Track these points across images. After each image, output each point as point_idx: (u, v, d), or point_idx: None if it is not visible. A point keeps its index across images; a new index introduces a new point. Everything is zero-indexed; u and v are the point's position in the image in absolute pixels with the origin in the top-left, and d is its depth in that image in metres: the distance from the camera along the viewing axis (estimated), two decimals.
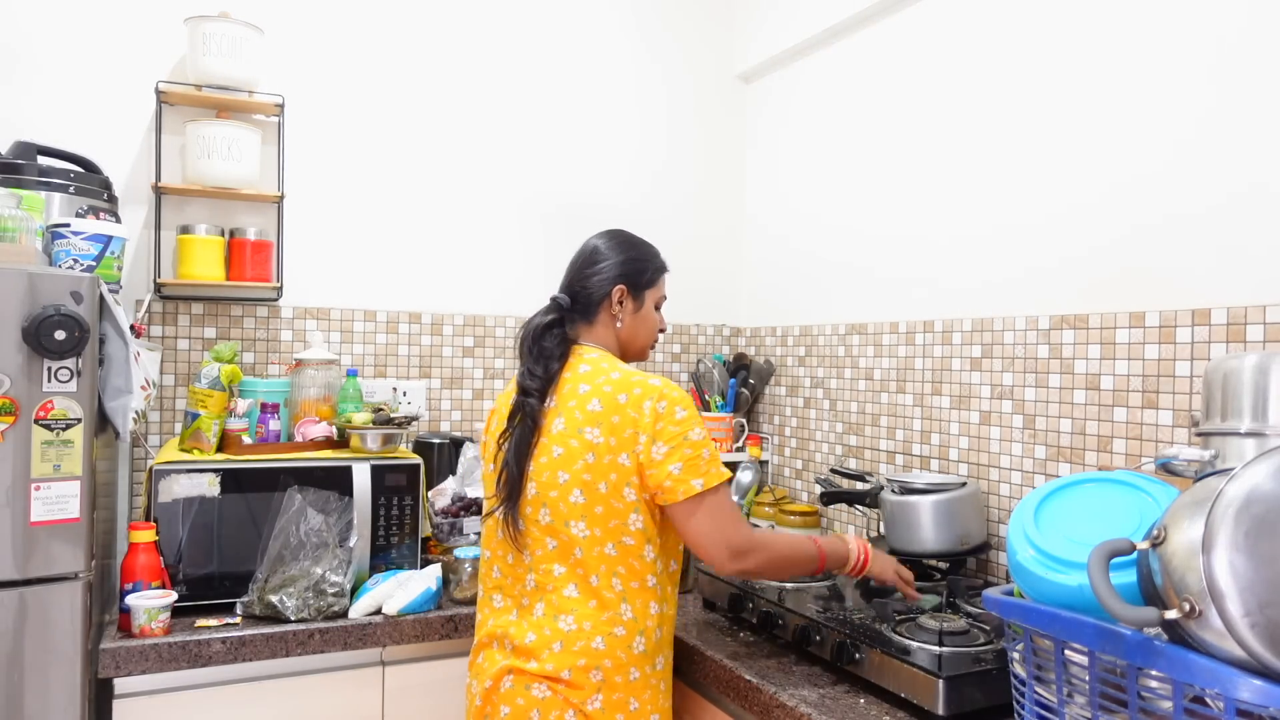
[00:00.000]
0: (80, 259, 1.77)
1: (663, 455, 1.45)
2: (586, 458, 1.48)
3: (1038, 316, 1.90)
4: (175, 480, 1.82)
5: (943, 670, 1.33)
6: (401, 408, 2.42)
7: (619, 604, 1.47)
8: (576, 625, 1.46)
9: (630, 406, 1.47)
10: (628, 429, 1.46)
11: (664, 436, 1.45)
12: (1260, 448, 1.18)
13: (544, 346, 1.59)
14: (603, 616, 1.47)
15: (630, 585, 1.48)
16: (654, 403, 1.47)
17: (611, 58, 2.79)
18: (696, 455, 1.45)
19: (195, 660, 1.68)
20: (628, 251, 1.65)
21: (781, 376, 2.75)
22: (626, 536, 1.48)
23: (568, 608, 1.48)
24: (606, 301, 1.62)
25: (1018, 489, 1.94)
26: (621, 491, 1.47)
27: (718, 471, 1.47)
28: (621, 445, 1.46)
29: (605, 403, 1.49)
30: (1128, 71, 1.72)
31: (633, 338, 1.66)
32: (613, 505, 1.47)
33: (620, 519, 1.47)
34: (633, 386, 1.49)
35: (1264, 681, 0.84)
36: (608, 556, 1.47)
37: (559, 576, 1.49)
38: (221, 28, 2.16)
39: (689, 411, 1.48)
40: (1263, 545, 0.87)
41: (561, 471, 1.49)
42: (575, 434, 1.49)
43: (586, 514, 1.47)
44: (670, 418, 1.46)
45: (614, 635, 1.46)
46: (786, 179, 2.76)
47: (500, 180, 2.64)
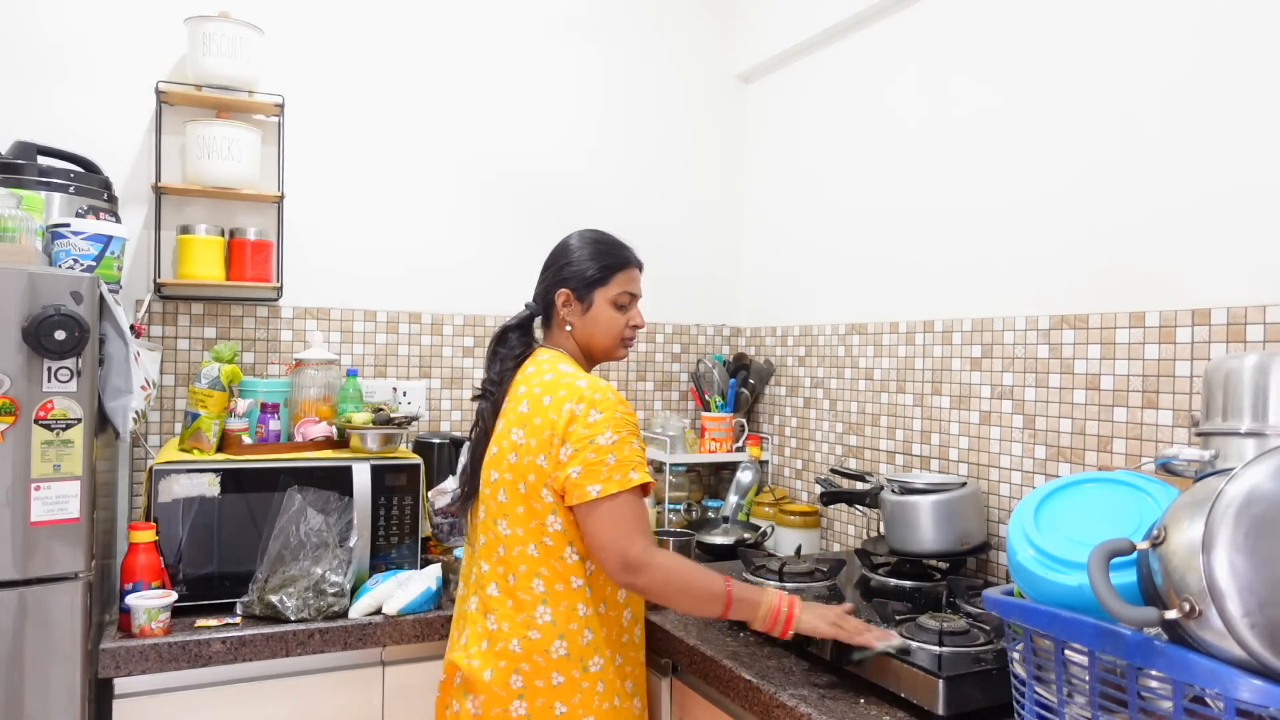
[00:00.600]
0: (80, 259, 1.77)
1: (567, 457, 1.46)
2: (509, 458, 1.53)
3: (1038, 316, 1.90)
4: (175, 480, 1.82)
5: (943, 670, 1.33)
6: (401, 408, 2.42)
7: (535, 606, 1.48)
8: (497, 625, 1.50)
9: (551, 409, 1.50)
10: (545, 430, 1.49)
11: (572, 439, 1.46)
12: (1260, 448, 1.18)
13: (498, 350, 1.65)
14: (518, 618, 1.49)
15: (554, 588, 1.49)
16: (573, 405, 1.48)
17: (612, 58, 2.79)
18: (599, 460, 1.44)
19: (195, 660, 1.68)
20: (577, 253, 1.65)
21: (781, 376, 2.75)
22: (546, 537, 1.49)
23: (491, 606, 1.52)
24: (554, 305, 1.65)
25: (1018, 489, 1.94)
26: (539, 492, 1.49)
27: (623, 479, 1.44)
28: (540, 446, 1.49)
29: (531, 404, 1.53)
30: (1128, 72, 1.72)
31: (588, 339, 1.65)
32: (532, 506, 1.50)
33: (539, 519, 1.49)
34: (559, 389, 1.51)
35: (1264, 681, 0.84)
36: (529, 557, 1.50)
37: (485, 573, 1.55)
38: (221, 28, 2.16)
39: (605, 414, 1.47)
40: (1263, 545, 0.87)
41: (493, 470, 1.56)
42: (506, 435, 1.55)
43: (509, 513, 1.52)
44: (583, 420, 1.46)
45: (528, 639, 1.48)
46: (786, 179, 2.76)
47: (500, 180, 2.64)
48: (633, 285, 1.68)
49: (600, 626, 1.51)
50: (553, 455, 1.48)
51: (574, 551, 1.50)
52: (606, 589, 1.54)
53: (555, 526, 1.49)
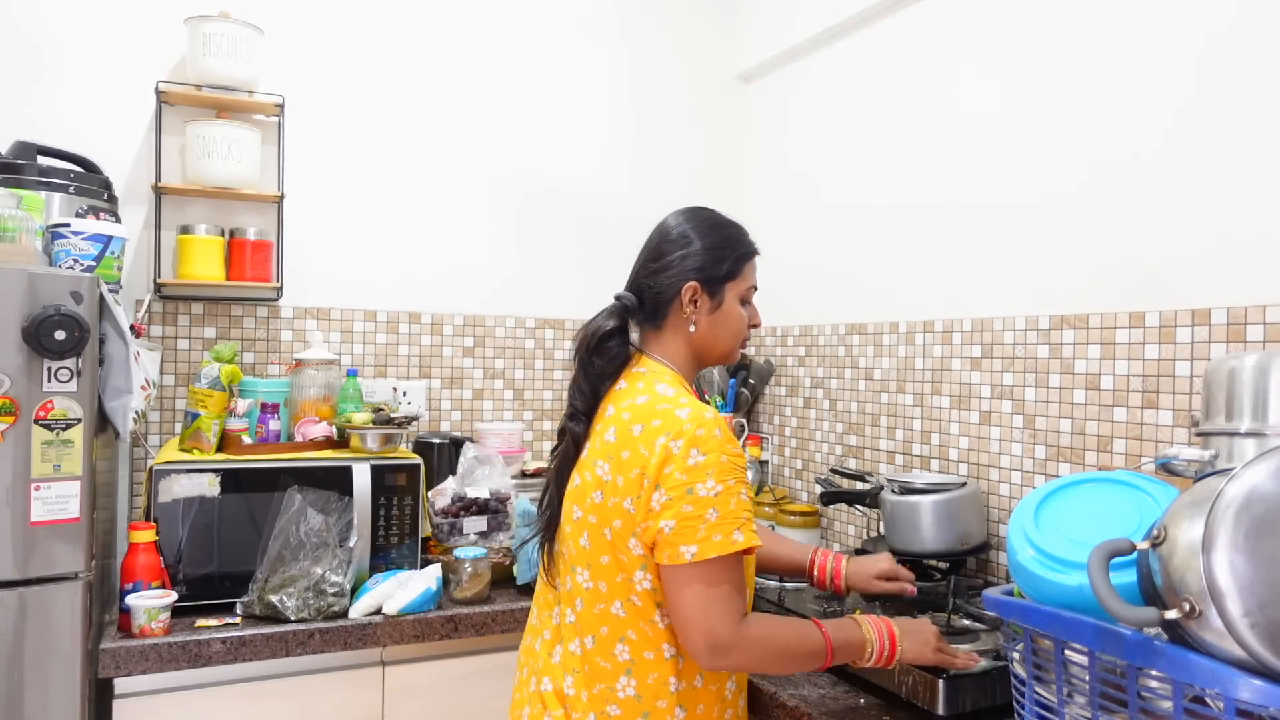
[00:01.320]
0: (80, 259, 1.77)
1: (660, 506, 1.19)
2: (594, 496, 1.26)
3: (1038, 316, 1.90)
4: (175, 480, 1.82)
5: (943, 670, 1.33)
6: (401, 408, 2.42)
7: (617, 677, 1.24)
8: (575, 691, 1.26)
9: (643, 441, 1.22)
10: (634, 468, 1.22)
11: (667, 484, 1.18)
12: (1260, 448, 1.18)
13: (594, 362, 1.33)
14: (595, 689, 1.24)
15: (641, 655, 1.23)
16: (669, 440, 1.20)
17: (612, 57, 2.79)
18: (698, 515, 1.17)
19: (195, 660, 1.68)
20: (704, 238, 1.36)
21: (781, 376, 2.75)
22: (634, 596, 1.23)
23: (570, 666, 1.28)
24: (676, 302, 1.34)
25: (1018, 489, 1.94)
26: (626, 543, 1.23)
27: (724, 540, 1.17)
28: (628, 487, 1.22)
29: (620, 433, 1.26)
30: (1129, 70, 1.72)
31: (712, 342, 1.38)
32: (618, 558, 1.24)
33: (626, 574, 1.23)
34: (652, 417, 1.23)
35: (1264, 681, 0.84)
36: (613, 617, 1.24)
37: (569, 625, 1.30)
38: (221, 28, 2.16)
39: (709, 457, 1.19)
40: (1263, 545, 0.87)
41: (576, 507, 1.30)
42: (590, 466, 1.28)
43: (591, 563, 1.26)
44: (681, 462, 1.18)
45: (606, 715, 1.23)
46: (786, 179, 2.76)
47: (499, 179, 2.64)
48: (755, 277, 1.43)
49: (695, 704, 1.25)
50: (642, 500, 1.20)
51: (666, 616, 1.23)
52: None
53: (645, 584, 1.23)
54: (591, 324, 1.36)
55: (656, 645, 1.24)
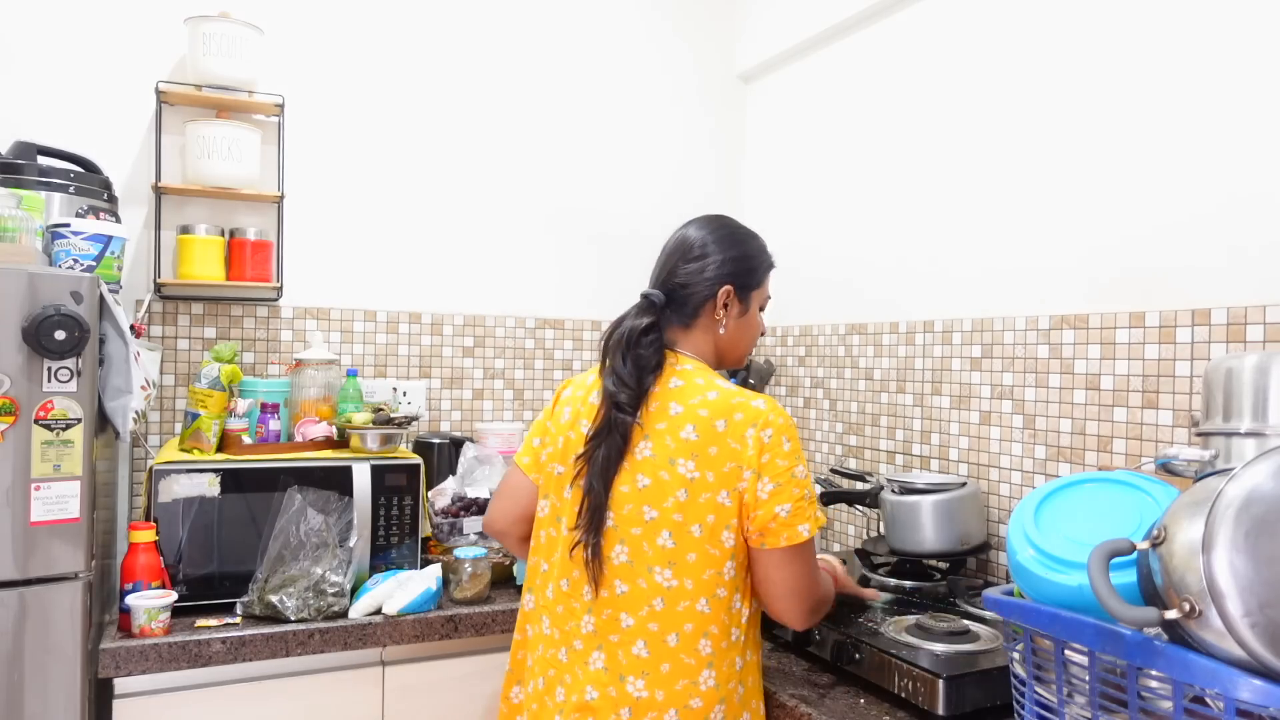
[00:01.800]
0: (80, 259, 1.77)
1: (768, 494, 1.27)
2: (678, 494, 1.28)
3: (1038, 316, 1.90)
4: (175, 480, 1.82)
5: (943, 670, 1.33)
6: (401, 408, 2.42)
7: (699, 671, 1.28)
8: (648, 693, 1.27)
9: (731, 435, 1.28)
10: (728, 462, 1.28)
11: (770, 472, 1.27)
12: (1260, 448, 1.18)
13: (640, 354, 1.35)
14: (677, 685, 1.27)
15: (720, 646, 1.29)
16: (758, 430, 1.28)
17: (610, 57, 2.79)
18: (802, 496, 1.28)
19: (195, 660, 1.68)
20: (736, 247, 1.43)
21: (781, 376, 2.75)
22: (720, 588, 1.29)
23: (636, 669, 1.28)
24: (710, 304, 1.41)
25: (1018, 489, 1.94)
26: (719, 536, 1.28)
27: (821, 515, 1.32)
28: (721, 481, 1.28)
29: (701, 430, 1.29)
30: (1129, 71, 1.72)
31: (734, 344, 1.46)
32: (708, 552, 1.28)
33: (716, 568, 1.28)
34: (733, 410, 1.30)
35: (1264, 681, 0.84)
36: (698, 614, 1.28)
37: (627, 629, 1.29)
38: (221, 28, 2.16)
39: (794, 442, 1.30)
40: (1263, 545, 0.87)
41: (648, 507, 1.29)
42: (666, 464, 1.29)
43: (676, 560, 1.28)
44: (778, 449, 1.28)
45: (689, 709, 1.27)
46: (786, 179, 2.76)
47: (499, 179, 2.64)
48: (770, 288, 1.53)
49: (749, 676, 1.35)
50: (743, 492, 1.27)
51: (740, 600, 1.32)
52: (754, 634, 1.38)
53: (730, 574, 1.29)
54: (624, 322, 1.39)
55: (729, 633, 1.31)
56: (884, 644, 1.45)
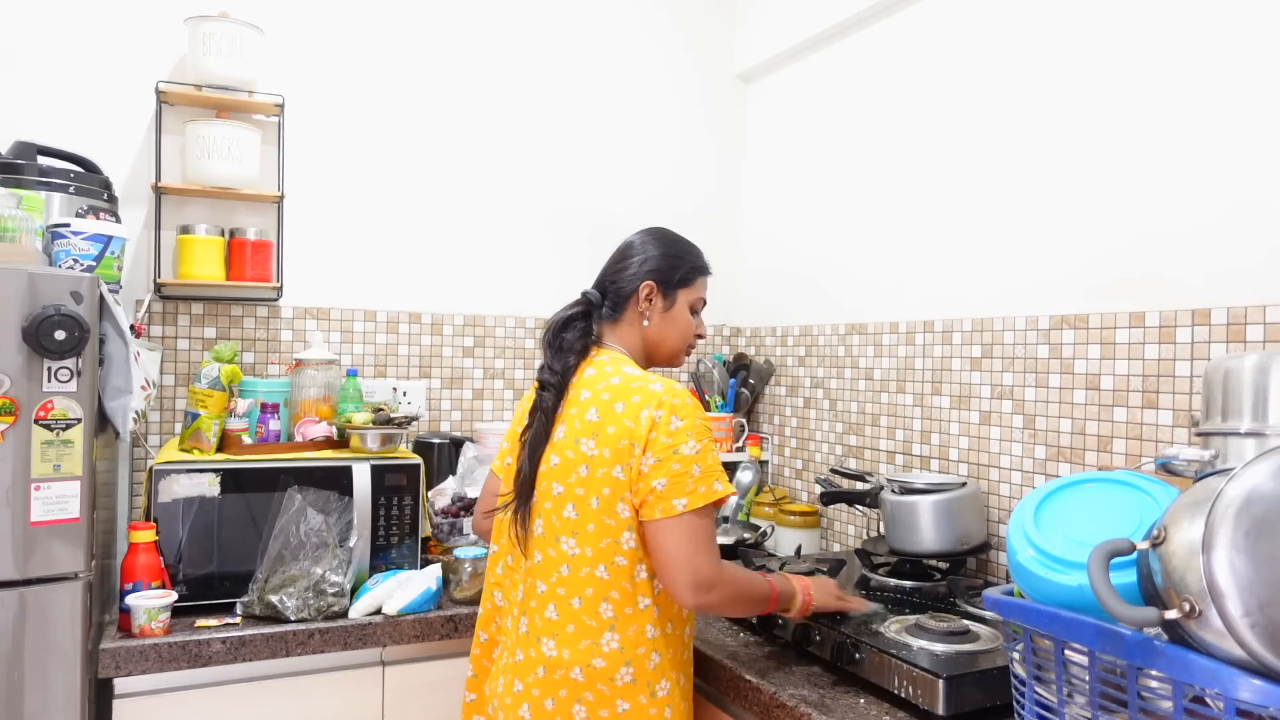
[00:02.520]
0: (80, 259, 1.77)
1: (649, 468, 1.36)
2: (580, 470, 1.40)
3: (1038, 316, 1.90)
4: (175, 480, 1.82)
5: (943, 670, 1.33)
6: (401, 408, 2.42)
7: (602, 632, 1.38)
8: (556, 651, 1.39)
9: (626, 415, 1.39)
10: (622, 439, 1.38)
11: (654, 448, 1.36)
12: (1260, 448, 1.18)
13: (565, 339, 1.50)
14: (580, 645, 1.38)
15: (623, 611, 1.38)
16: (651, 411, 1.38)
17: (610, 57, 2.79)
18: (685, 472, 1.35)
19: (195, 660, 1.68)
20: (663, 248, 1.57)
21: (781, 376, 2.75)
22: (619, 556, 1.38)
23: (548, 630, 1.40)
24: (634, 298, 1.54)
25: (1018, 489, 1.94)
26: (615, 508, 1.38)
27: (707, 490, 1.36)
28: (615, 457, 1.38)
29: (602, 411, 1.41)
30: (1129, 71, 1.72)
31: (661, 339, 1.56)
32: (605, 522, 1.38)
33: (613, 537, 1.38)
34: (631, 394, 1.41)
35: (1264, 681, 0.84)
36: (597, 579, 1.38)
37: (541, 594, 1.42)
38: (221, 28, 2.16)
39: (687, 421, 1.38)
40: (1263, 545, 0.87)
41: (556, 483, 1.42)
42: (572, 444, 1.43)
43: (579, 530, 1.39)
44: (664, 427, 1.37)
45: (592, 667, 1.37)
46: (786, 179, 2.76)
47: (500, 179, 2.64)
48: (705, 292, 1.63)
49: (667, 648, 1.42)
50: (632, 467, 1.37)
51: (644, 569, 1.40)
52: (673, 608, 1.44)
53: (630, 544, 1.38)
54: (558, 313, 1.55)
55: (634, 600, 1.39)
56: (884, 644, 1.45)
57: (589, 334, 1.53)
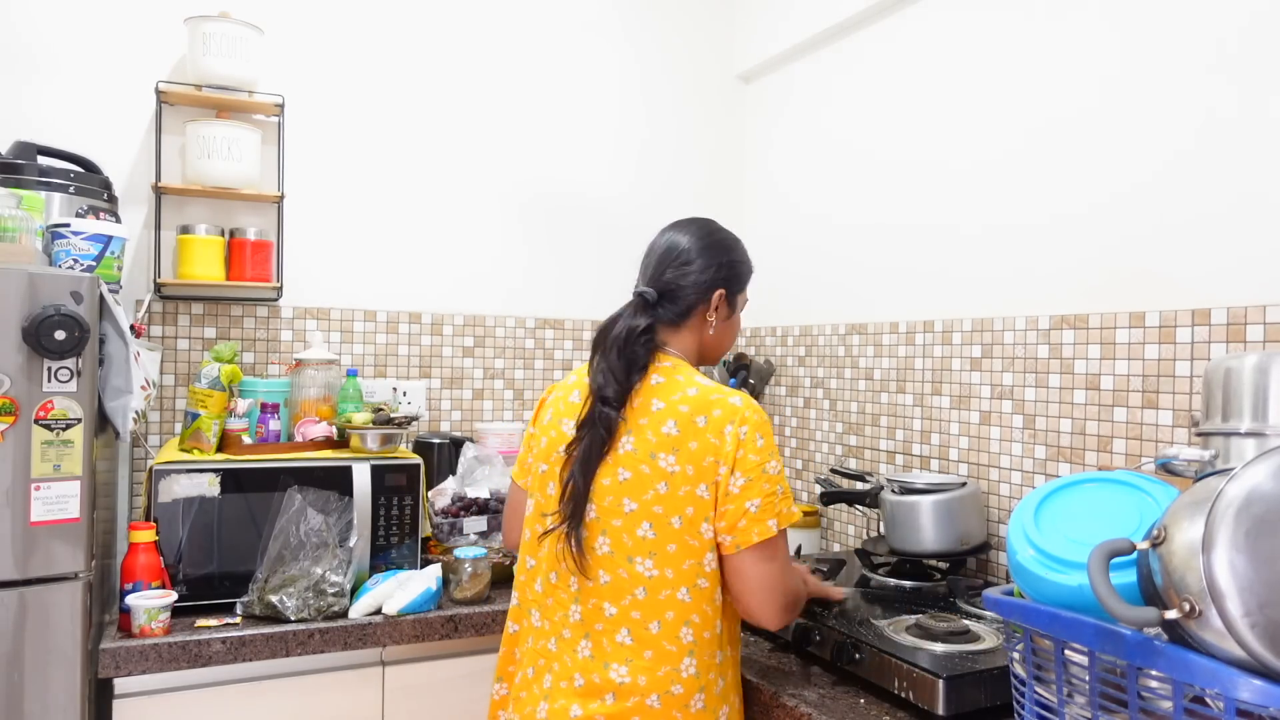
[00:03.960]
0: (80, 259, 1.77)
1: (739, 489, 1.30)
2: (658, 487, 1.32)
3: (1038, 316, 1.90)
4: (175, 480, 1.82)
5: (943, 670, 1.33)
6: (401, 408, 2.42)
7: (681, 658, 1.31)
8: (630, 679, 1.30)
9: (710, 431, 1.32)
10: (707, 456, 1.31)
11: (743, 467, 1.31)
12: (1260, 448, 1.18)
13: (634, 352, 1.39)
14: (659, 672, 1.30)
15: (702, 636, 1.33)
16: (735, 427, 1.32)
17: (611, 57, 2.79)
18: (774, 491, 1.32)
19: (195, 660, 1.68)
20: (727, 253, 1.48)
21: (781, 376, 2.75)
22: (701, 579, 1.32)
23: (620, 656, 1.32)
24: (703, 307, 1.46)
25: (1018, 489, 1.94)
26: (698, 528, 1.32)
27: (788, 512, 1.34)
28: (700, 475, 1.31)
29: (682, 425, 1.33)
30: (1128, 68, 1.72)
31: (718, 344, 1.51)
32: (688, 543, 1.31)
33: (696, 559, 1.32)
34: (711, 407, 1.34)
35: (1264, 681, 0.84)
36: (679, 603, 1.31)
37: (610, 618, 1.33)
38: (221, 28, 2.16)
39: (768, 439, 1.34)
40: (1263, 545, 0.87)
41: (628, 499, 1.33)
42: (646, 458, 1.33)
43: (657, 551, 1.31)
44: (751, 445, 1.32)
45: (670, 694, 1.30)
46: (786, 179, 2.76)
47: (500, 180, 2.64)
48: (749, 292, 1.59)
49: (729, 671, 1.40)
50: (718, 485, 1.31)
51: (719, 594, 1.35)
52: (735, 628, 1.42)
53: (711, 566, 1.33)
54: (620, 321, 1.42)
55: (712, 625, 1.34)
56: (884, 644, 1.45)
57: (654, 343, 1.42)
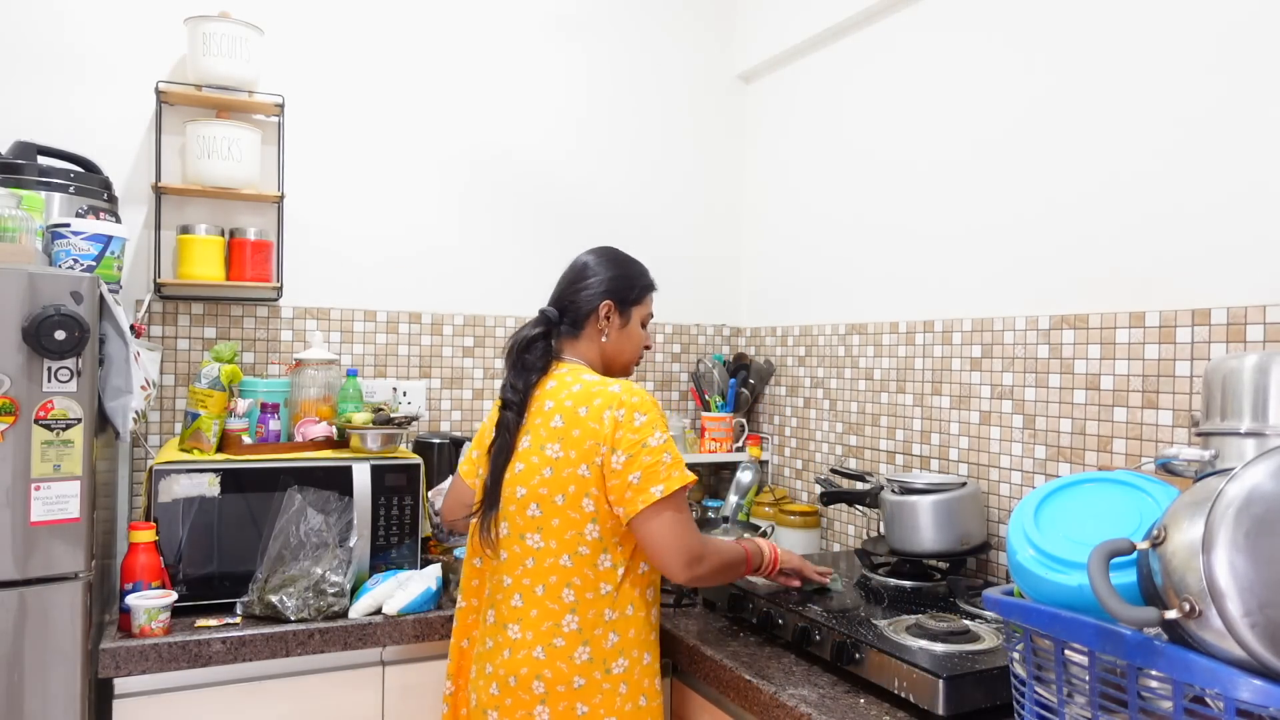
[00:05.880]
0: (80, 259, 1.77)
1: (622, 464, 1.46)
2: (544, 473, 1.51)
3: (1038, 316, 1.90)
4: (175, 480, 1.82)
5: (943, 670, 1.33)
6: (401, 408, 2.42)
7: (563, 615, 1.49)
8: (520, 634, 1.50)
9: (590, 418, 1.49)
10: (588, 440, 1.49)
11: (623, 445, 1.46)
12: (1260, 448, 1.18)
13: (526, 359, 1.61)
14: (543, 626, 1.49)
15: (584, 596, 1.49)
16: (613, 411, 1.48)
17: (612, 57, 2.79)
18: (656, 461, 1.46)
19: (195, 660, 1.68)
20: (617, 269, 1.68)
21: (781, 376, 2.75)
22: (582, 546, 1.50)
23: (513, 617, 1.52)
24: (594, 316, 1.65)
25: (1018, 489, 1.94)
26: (580, 503, 1.49)
27: (679, 475, 1.47)
28: (581, 457, 1.49)
29: (566, 417, 1.52)
30: (1127, 68, 1.72)
31: (618, 353, 1.69)
32: (569, 516, 1.49)
33: (576, 529, 1.49)
34: (593, 398, 1.51)
35: (1264, 681, 0.84)
36: (561, 568, 1.50)
37: (507, 587, 1.53)
38: (221, 28, 2.16)
39: (649, 416, 1.49)
40: (1263, 545, 0.87)
41: (520, 486, 1.53)
42: (537, 450, 1.53)
43: (543, 526, 1.51)
44: (629, 425, 1.47)
45: (553, 646, 1.48)
46: (786, 179, 2.76)
47: (500, 179, 2.64)
48: (652, 308, 1.76)
49: (626, 628, 1.52)
50: (600, 464, 1.48)
51: (608, 558, 1.51)
52: (634, 592, 1.54)
53: (593, 535, 1.50)
54: (520, 333, 1.65)
55: (596, 585, 1.50)
56: (884, 644, 1.45)
57: (549, 352, 1.63)
